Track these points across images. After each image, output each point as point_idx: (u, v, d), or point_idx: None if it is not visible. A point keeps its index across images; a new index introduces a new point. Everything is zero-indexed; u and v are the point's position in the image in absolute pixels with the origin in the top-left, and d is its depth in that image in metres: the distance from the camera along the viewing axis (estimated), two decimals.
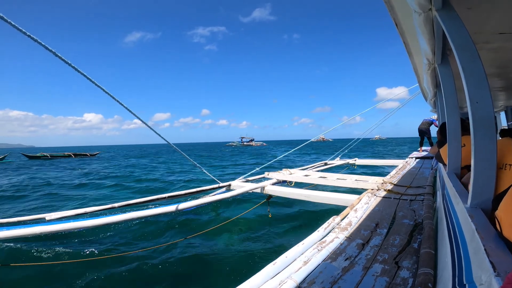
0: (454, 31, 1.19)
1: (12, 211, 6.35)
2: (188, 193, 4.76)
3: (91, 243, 3.87)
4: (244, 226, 4.45)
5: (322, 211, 4.88)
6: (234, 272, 3.01)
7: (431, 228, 2.15)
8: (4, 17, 1.64)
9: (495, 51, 2.16)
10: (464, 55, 1.13)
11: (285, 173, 6.01)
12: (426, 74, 2.82)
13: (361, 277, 1.59)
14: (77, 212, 3.54)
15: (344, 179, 5.24)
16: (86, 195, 8.12)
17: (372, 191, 3.82)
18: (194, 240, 3.79)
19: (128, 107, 3.01)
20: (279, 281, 1.54)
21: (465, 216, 1.04)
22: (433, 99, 4.86)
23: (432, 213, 2.62)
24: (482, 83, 1.09)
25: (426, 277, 1.41)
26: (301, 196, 4.34)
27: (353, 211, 2.88)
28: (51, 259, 3.35)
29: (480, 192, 1.10)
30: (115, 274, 3.00)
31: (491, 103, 1.08)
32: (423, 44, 1.90)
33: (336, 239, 2.11)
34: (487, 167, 1.08)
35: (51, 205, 6.89)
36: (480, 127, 1.09)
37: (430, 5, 1.29)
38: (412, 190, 3.85)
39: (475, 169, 1.10)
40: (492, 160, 1.08)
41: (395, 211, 2.87)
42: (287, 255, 1.85)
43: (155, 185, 9.79)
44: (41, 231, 2.89)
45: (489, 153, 1.08)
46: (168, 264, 3.22)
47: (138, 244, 3.83)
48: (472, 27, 1.64)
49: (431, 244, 1.85)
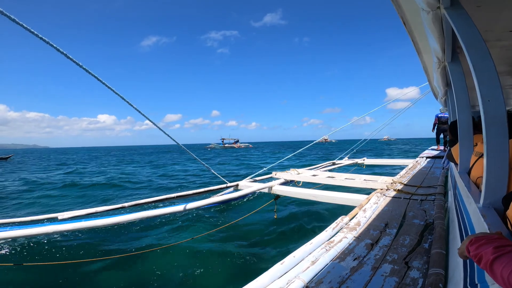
0: (463, 29, 1.18)
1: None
2: (196, 193, 4.80)
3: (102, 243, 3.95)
4: (251, 226, 4.47)
5: (330, 211, 4.85)
6: (242, 272, 3.03)
7: (442, 228, 2.12)
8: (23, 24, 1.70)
9: (507, 48, 2.11)
10: (475, 53, 1.12)
11: (293, 173, 6.00)
12: (436, 72, 2.78)
13: (369, 277, 1.58)
14: (88, 212, 3.63)
15: (352, 179, 5.19)
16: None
17: (381, 191, 3.77)
18: (201, 240, 3.83)
19: (139, 108, 3.07)
20: (286, 281, 1.55)
21: (478, 215, 1.03)
22: (443, 97, 4.78)
23: (443, 213, 2.58)
24: (494, 81, 1.07)
25: (437, 277, 1.40)
26: (309, 196, 4.32)
27: (361, 211, 2.86)
28: (63, 258, 3.44)
29: (492, 191, 1.08)
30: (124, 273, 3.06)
31: (503, 101, 1.06)
32: (433, 43, 1.87)
33: (344, 239, 2.10)
34: (500, 166, 1.06)
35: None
36: (492, 125, 1.07)
37: (439, 3, 1.28)
38: (423, 190, 3.79)
39: (487, 168, 1.08)
40: (505, 159, 1.06)
41: (405, 211, 2.84)
42: (295, 255, 1.85)
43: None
44: (54, 230, 2.97)
45: (501, 151, 1.06)
46: (174, 264, 3.26)
47: (145, 244, 3.88)
48: (482, 25, 1.61)
49: (442, 244, 1.83)
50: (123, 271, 3.10)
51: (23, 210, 6.66)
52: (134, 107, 3.02)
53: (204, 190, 4.98)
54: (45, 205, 7.17)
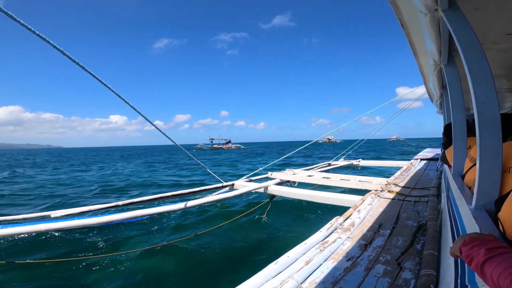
0: (460, 32, 1.18)
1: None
2: (192, 192, 4.78)
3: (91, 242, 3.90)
4: (245, 226, 4.45)
5: (325, 212, 4.86)
6: (235, 272, 3.02)
7: (434, 230, 2.13)
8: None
9: (504, 52, 2.13)
10: (471, 56, 1.12)
11: (289, 173, 6.00)
12: (433, 75, 2.80)
13: (363, 277, 1.58)
14: (81, 210, 3.59)
15: (347, 179, 5.21)
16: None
17: (376, 192, 3.79)
18: (193, 239, 3.80)
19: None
20: (280, 281, 1.54)
21: (470, 217, 1.04)
22: (439, 100, 4.81)
23: (436, 214, 2.60)
24: (489, 84, 1.07)
25: (428, 278, 1.40)
26: (304, 196, 4.33)
27: (356, 211, 2.87)
28: (56, 256, 3.39)
29: (485, 193, 1.08)
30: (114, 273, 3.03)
31: (498, 104, 1.07)
32: (430, 45, 1.88)
33: (338, 240, 2.11)
34: (493, 168, 1.07)
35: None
36: (486, 128, 1.08)
37: (436, 6, 1.28)
38: (417, 191, 3.82)
39: (480, 170, 1.09)
40: (498, 161, 1.06)
41: (399, 212, 2.86)
42: (289, 255, 1.85)
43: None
44: (46, 228, 2.93)
45: (494, 154, 1.06)
46: (167, 263, 3.23)
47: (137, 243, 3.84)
48: (480, 28, 1.62)
49: (435, 245, 1.84)
50: (113, 269, 3.07)
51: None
52: (131, 104, 2.99)
53: (200, 189, 4.96)
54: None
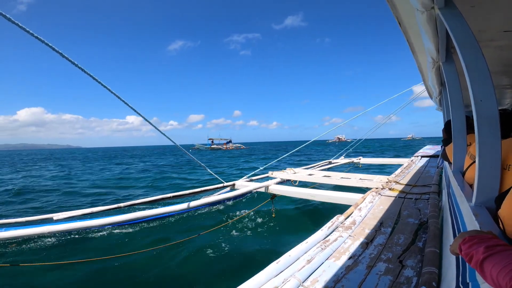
0: (457, 29, 1.18)
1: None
2: (193, 193, 4.79)
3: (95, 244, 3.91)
4: (247, 225, 4.46)
5: (326, 210, 4.86)
6: (238, 271, 3.03)
7: (436, 227, 2.14)
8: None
9: (501, 48, 2.13)
10: (468, 53, 1.12)
11: (289, 172, 6.01)
12: (431, 72, 2.80)
13: (364, 275, 1.59)
14: (83, 212, 3.60)
15: (348, 178, 5.22)
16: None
17: (377, 190, 3.80)
18: (196, 239, 3.81)
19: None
20: (282, 279, 1.55)
21: (470, 214, 1.04)
22: (438, 97, 4.81)
23: (438, 212, 2.60)
24: (486, 81, 1.08)
25: (430, 276, 1.41)
26: (305, 195, 4.34)
27: (357, 210, 2.88)
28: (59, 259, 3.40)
29: (484, 190, 1.09)
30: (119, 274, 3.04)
31: (496, 101, 1.07)
32: (427, 43, 1.88)
33: (339, 238, 2.11)
34: (492, 165, 1.07)
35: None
36: (484, 125, 1.08)
37: (433, 4, 1.28)
38: (418, 189, 3.82)
39: (479, 167, 1.09)
40: (497, 158, 1.07)
41: (400, 210, 2.86)
42: (290, 254, 1.85)
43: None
44: (49, 230, 2.95)
45: (493, 151, 1.07)
46: (170, 265, 3.24)
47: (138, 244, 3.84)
48: (476, 25, 1.62)
49: (436, 243, 1.84)
50: (115, 271, 3.08)
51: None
52: (129, 104, 3.01)
53: (201, 190, 4.97)
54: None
